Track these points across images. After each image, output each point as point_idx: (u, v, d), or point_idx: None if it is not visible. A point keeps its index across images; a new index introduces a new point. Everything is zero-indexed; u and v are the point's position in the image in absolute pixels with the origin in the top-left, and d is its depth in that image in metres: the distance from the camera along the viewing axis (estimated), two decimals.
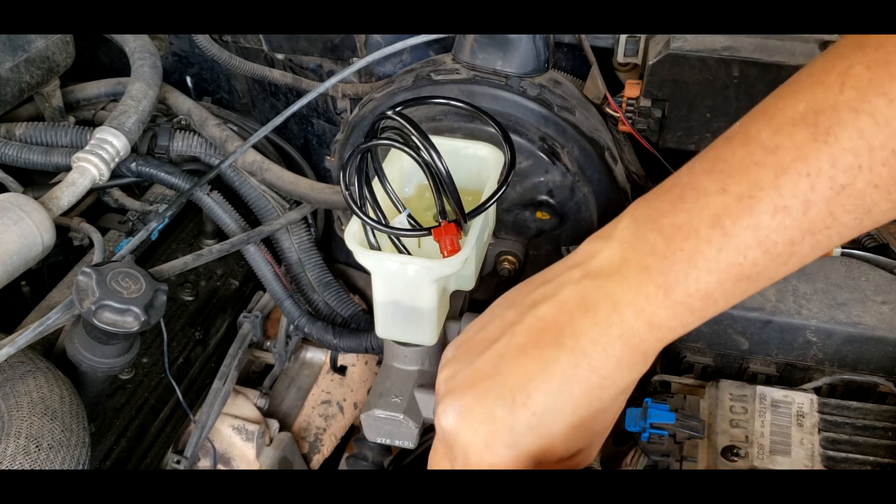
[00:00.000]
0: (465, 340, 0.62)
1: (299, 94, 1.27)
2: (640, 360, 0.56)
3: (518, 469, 0.57)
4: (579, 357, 0.55)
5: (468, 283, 0.97)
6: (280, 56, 1.29)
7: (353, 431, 1.45)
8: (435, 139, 0.83)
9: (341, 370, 1.45)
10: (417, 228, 0.84)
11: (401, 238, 0.83)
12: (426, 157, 0.81)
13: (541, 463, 0.58)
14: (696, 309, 0.54)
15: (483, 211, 0.85)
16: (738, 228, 0.52)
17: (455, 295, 1.00)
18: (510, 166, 0.86)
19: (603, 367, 0.55)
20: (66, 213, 1.05)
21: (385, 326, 0.91)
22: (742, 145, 0.54)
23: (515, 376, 0.56)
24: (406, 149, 0.81)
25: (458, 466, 0.59)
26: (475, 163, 0.95)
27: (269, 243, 1.27)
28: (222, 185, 1.24)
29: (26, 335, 0.86)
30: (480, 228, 0.88)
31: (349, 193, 0.82)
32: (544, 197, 1.09)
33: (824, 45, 0.98)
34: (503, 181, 0.85)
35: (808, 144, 0.50)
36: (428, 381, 0.97)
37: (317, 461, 1.38)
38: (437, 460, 0.62)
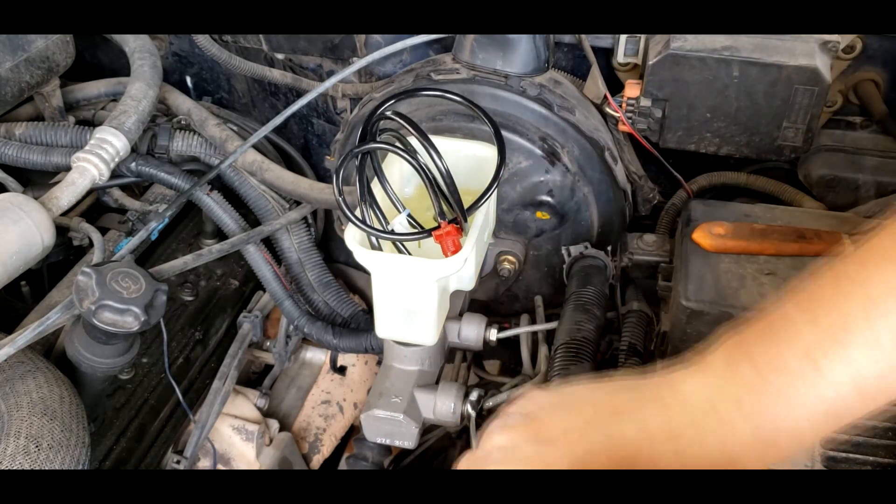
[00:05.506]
0: (531, 414, 0.62)
1: (299, 94, 1.27)
2: None
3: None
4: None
5: (468, 283, 0.97)
6: (280, 56, 1.29)
7: (353, 431, 1.44)
8: (435, 139, 0.83)
9: (341, 370, 1.44)
10: (417, 231, 0.84)
11: None
12: (424, 157, 0.81)
13: None
14: (782, 445, 0.54)
15: (480, 205, 0.85)
16: (829, 361, 0.51)
17: (455, 295, 1.00)
18: (500, 158, 0.86)
19: None
20: (65, 213, 1.05)
21: (385, 326, 0.91)
22: (830, 279, 0.53)
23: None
24: (401, 152, 0.81)
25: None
26: (475, 163, 0.95)
27: (269, 243, 1.27)
28: (222, 185, 1.24)
29: (26, 335, 0.86)
30: (480, 228, 0.88)
31: (342, 199, 0.82)
32: (544, 197, 1.09)
33: (824, 45, 0.98)
34: (495, 175, 0.85)
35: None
36: (428, 381, 0.97)
37: (317, 461, 1.38)
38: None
